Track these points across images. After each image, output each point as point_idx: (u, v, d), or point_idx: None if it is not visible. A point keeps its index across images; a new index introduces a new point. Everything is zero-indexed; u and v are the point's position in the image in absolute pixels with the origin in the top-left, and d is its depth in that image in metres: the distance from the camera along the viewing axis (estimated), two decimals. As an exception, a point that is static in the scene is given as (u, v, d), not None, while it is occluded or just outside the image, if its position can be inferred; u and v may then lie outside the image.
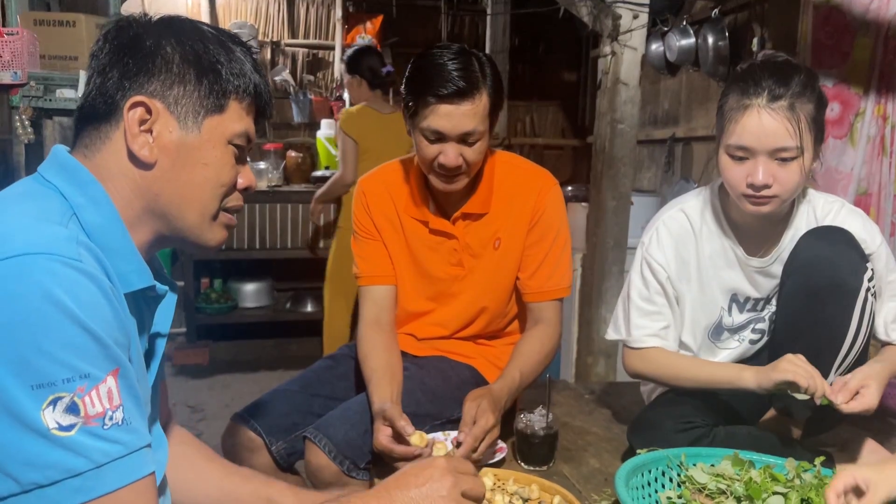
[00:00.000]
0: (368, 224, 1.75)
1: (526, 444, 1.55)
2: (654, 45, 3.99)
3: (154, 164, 0.91)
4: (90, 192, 0.88)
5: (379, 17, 5.17)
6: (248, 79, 0.96)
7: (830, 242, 1.45)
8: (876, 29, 2.84)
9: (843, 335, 1.44)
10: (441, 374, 1.71)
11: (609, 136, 2.93)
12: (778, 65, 1.45)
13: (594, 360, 3.11)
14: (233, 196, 0.99)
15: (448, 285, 1.75)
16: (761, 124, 1.39)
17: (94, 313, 0.76)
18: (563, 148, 6.00)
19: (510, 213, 1.71)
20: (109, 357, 0.77)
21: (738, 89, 1.43)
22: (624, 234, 3.02)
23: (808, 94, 1.42)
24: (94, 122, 0.92)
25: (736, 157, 1.44)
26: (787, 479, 1.25)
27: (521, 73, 5.81)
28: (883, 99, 2.87)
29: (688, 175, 4.04)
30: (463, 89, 1.49)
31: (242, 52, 0.97)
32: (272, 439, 1.61)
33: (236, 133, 0.96)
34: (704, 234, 1.60)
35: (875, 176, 2.91)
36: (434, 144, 1.55)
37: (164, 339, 1.02)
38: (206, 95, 0.93)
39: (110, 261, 0.85)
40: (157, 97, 0.91)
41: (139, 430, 0.80)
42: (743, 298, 1.63)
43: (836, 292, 1.43)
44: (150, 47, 0.91)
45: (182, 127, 0.92)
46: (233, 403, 3.54)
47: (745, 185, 1.43)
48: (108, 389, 0.76)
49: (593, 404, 2.07)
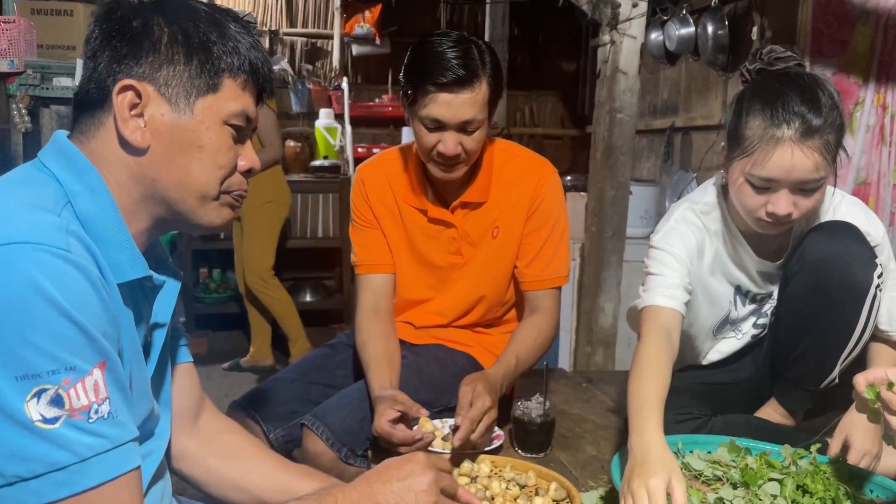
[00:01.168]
0: (367, 212, 1.75)
1: (523, 432, 1.56)
2: (654, 35, 3.98)
3: (147, 148, 0.89)
4: (86, 180, 0.87)
5: (378, 5, 5.15)
6: (243, 56, 0.93)
7: (840, 240, 1.43)
8: (876, 18, 2.83)
9: (850, 334, 1.44)
10: (438, 361, 1.71)
11: (608, 126, 2.92)
12: (805, 84, 1.34)
13: (592, 350, 3.12)
14: (234, 179, 0.95)
15: (446, 273, 1.75)
16: (793, 162, 1.30)
17: (81, 304, 0.75)
18: (562, 138, 6.00)
19: (509, 202, 1.71)
20: (96, 349, 0.76)
21: (766, 115, 1.33)
22: (623, 224, 3.02)
23: (837, 121, 1.33)
24: (90, 108, 0.90)
25: (759, 187, 1.36)
26: (783, 466, 1.25)
27: (520, 62, 5.80)
28: (882, 88, 2.86)
29: (687, 165, 4.04)
30: (462, 77, 1.48)
31: (238, 29, 0.93)
32: (270, 427, 1.61)
33: (233, 112, 0.93)
34: (714, 234, 1.56)
35: (874, 165, 2.91)
36: (433, 133, 1.54)
37: (164, 328, 1.00)
38: (196, 75, 0.90)
39: (104, 250, 0.84)
40: (146, 80, 0.88)
41: (125, 423, 0.78)
42: (745, 291, 1.62)
43: (847, 291, 1.41)
44: (138, 28, 0.89)
45: (174, 109, 0.89)
46: (231, 392, 3.54)
47: (765, 212, 1.37)
48: (94, 382, 0.75)
49: (590, 392, 2.07)
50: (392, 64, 5.40)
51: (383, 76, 5.47)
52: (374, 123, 5.39)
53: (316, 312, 4.96)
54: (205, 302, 4.55)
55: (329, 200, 4.73)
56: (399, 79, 1.61)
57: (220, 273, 4.76)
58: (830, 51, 2.91)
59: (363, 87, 5.45)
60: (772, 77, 1.39)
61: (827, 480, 1.17)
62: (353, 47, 5.25)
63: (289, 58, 5.22)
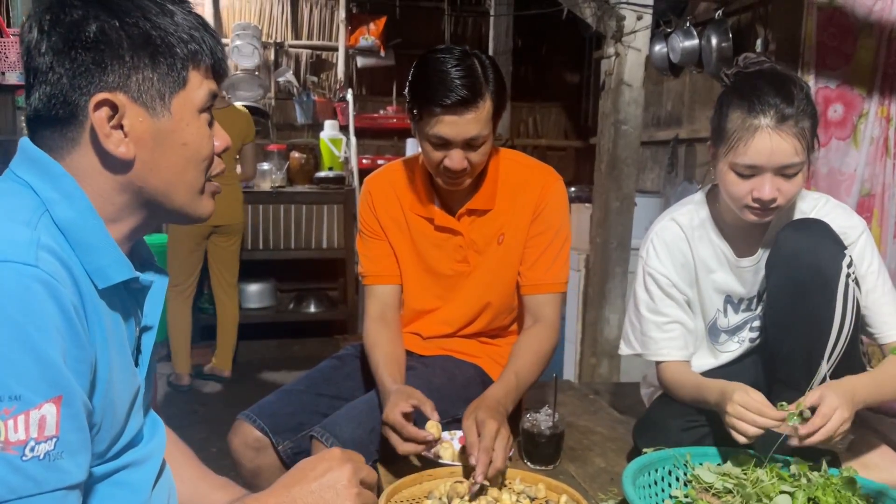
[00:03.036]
0: (374, 224, 1.76)
1: (532, 444, 1.56)
2: (658, 47, 4.00)
3: (134, 159, 0.86)
4: (62, 186, 0.83)
5: (382, 18, 5.18)
6: (199, 42, 0.89)
7: (808, 234, 1.48)
8: (879, 30, 2.85)
9: (829, 324, 1.45)
10: (446, 373, 1.72)
11: (612, 138, 2.93)
12: (777, 79, 1.47)
13: (597, 361, 3.12)
14: (214, 163, 0.95)
15: (453, 282, 1.76)
16: (771, 146, 1.42)
17: (42, 327, 0.71)
18: (565, 149, 6.01)
19: (514, 209, 1.72)
20: (51, 382, 0.71)
21: (743, 107, 1.45)
22: (627, 235, 3.02)
23: (809, 109, 1.45)
24: (55, 125, 0.86)
25: (743, 174, 1.46)
26: (794, 479, 1.25)
27: (524, 74, 5.82)
28: (886, 100, 2.87)
29: (691, 176, 4.05)
30: (466, 98, 1.50)
31: (183, 12, 0.89)
32: (279, 438, 1.61)
33: (203, 99, 0.91)
34: (696, 239, 1.64)
35: (878, 177, 2.92)
36: (439, 150, 1.57)
37: (153, 330, 0.98)
38: (165, 74, 0.87)
39: (85, 256, 0.82)
40: (118, 90, 0.84)
41: (65, 469, 0.72)
42: (737, 299, 1.65)
43: (816, 281, 1.44)
44: (94, 35, 0.83)
45: (152, 114, 0.87)
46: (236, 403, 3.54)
47: (751, 199, 1.47)
48: (40, 417, 0.69)
49: (597, 404, 2.07)
50: (396, 75, 5.42)
51: (388, 88, 5.49)
52: (379, 135, 5.41)
53: (320, 323, 4.96)
54: (208, 313, 4.55)
55: (334, 211, 4.75)
56: (404, 94, 1.64)
57: (224, 284, 4.77)
58: (834, 63, 2.92)
59: (368, 99, 5.48)
60: (747, 75, 1.51)
61: (839, 493, 1.17)
62: (358, 59, 5.27)
63: (294, 69, 5.25)
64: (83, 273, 0.81)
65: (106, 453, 0.86)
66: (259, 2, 5.15)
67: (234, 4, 5.11)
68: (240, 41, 4.80)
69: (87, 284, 0.81)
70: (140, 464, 0.92)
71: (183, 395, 3.94)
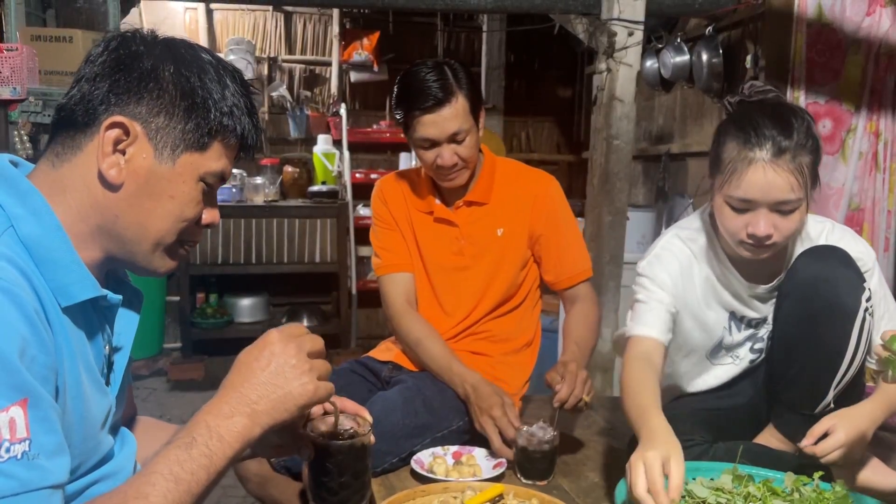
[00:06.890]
0: (386, 215, 1.90)
1: (526, 459, 1.55)
2: (649, 62, 4.03)
3: (120, 186, 0.88)
4: (30, 203, 0.84)
5: (376, 33, 5.20)
6: (236, 120, 0.93)
7: (828, 263, 1.45)
8: (867, 47, 2.89)
9: (841, 356, 1.45)
10: (437, 386, 1.73)
11: (605, 152, 2.95)
12: (778, 111, 1.42)
13: (591, 375, 3.11)
14: (192, 230, 0.95)
15: (450, 275, 1.86)
16: (766, 180, 1.36)
17: (3, 333, 0.71)
18: (558, 163, 6.03)
19: (510, 204, 1.85)
20: (14, 385, 0.71)
21: (739, 139, 1.40)
22: (620, 249, 3.03)
23: (810, 145, 1.39)
24: (70, 128, 0.89)
25: (737, 208, 1.42)
26: (786, 493, 1.25)
27: (516, 88, 5.84)
28: (875, 115, 2.90)
29: (682, 191, 4.07)
30: (439, 97, 1.67)
31: (237, 90, 0.93)
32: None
33: (211, 172, 0.93)
34: (702, 260, 1.60)
35: (868, 192, 2.94)
36: (430, 150, 1.74)
37: (126, 350, 0.97)
38: (191, 131, 0.90)
39: (49, 273, 0.82)
40: (138, 120, 0.88)
41: (44, 468, 0.73)
42: (740, 317, 1.63)
43: (834, 314, 1.43)
44: (147, 69, 0.88)
45: (157, 156, 0.89)
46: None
47: (746, 234, 1.42)
48: (9, 419, 0.70)
49: (591, 418, 2.07)
50: (390, 90, 5.39)
51: (381, 102, 5.50)
52: (372, 149, 5.41)
53: (313, 337, 4.94)
54: (201, 327, 4.53)
55: (327, 225, 4.74)
56: (393, 107, 1.80)
57: (216, 298, 4.75)
58: (823, 79, 2.96)
59: (361, 113, 5.48)
60: (748, 105, 1.47)
61: (831, 507, 1.17)
62: (352, 74, 5.29)
63: (287, 84, 5.26)
64: (46, 289, 0.81)
65: (77, 470, 0.85)
66: (253, 16, 5.17)
67: (227, 19, 5.12)
68: (233, 56, 4.81)
69: (49, 300, 0.81)
70: (110, 477, 0.92)
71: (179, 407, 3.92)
